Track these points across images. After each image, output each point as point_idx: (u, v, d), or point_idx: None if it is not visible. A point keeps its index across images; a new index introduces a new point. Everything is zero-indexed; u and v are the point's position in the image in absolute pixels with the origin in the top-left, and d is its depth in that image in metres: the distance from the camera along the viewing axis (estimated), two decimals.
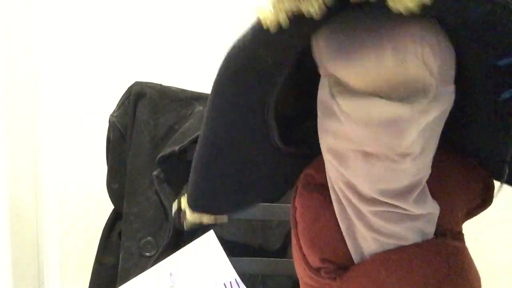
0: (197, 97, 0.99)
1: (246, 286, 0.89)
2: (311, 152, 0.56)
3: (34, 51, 1.22)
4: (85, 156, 1.20)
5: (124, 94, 0.98)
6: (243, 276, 0.90)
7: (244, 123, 0.52)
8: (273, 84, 0.51)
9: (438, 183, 0.52)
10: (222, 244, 0.90)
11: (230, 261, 0.91)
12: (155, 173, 0.94)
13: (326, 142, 0.51)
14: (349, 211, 0.52)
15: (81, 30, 1.21)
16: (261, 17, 0.41)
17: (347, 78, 0.46)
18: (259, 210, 0.86)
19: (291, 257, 0.63)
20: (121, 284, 0.90)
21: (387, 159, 0.47)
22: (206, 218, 0.59)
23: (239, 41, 0.45)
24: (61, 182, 1.22)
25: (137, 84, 0.97)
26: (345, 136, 0.48)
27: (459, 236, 0.54)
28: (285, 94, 0.53)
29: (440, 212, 0.52)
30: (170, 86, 0.99)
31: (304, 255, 0.55)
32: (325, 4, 0.38)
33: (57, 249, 1.21)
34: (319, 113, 0.52)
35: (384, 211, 0.50)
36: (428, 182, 0.51)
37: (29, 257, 1.21)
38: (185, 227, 0.61)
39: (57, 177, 1.22)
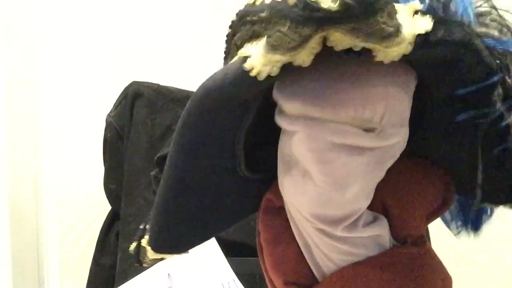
0: None
1: (244, 286, 0.89)
2: (274, 176, 0.57)
3: (33, 53, 1.22)
4: (85, 156, 1.20)
5: (121, 94, 0.98)
6: (241, 276, 0.90)
7: (213, 156, 0.52)
8: (247, 118, 0.51)
9: (394, 191, 0.52)
10: (219, 245, 0.90)
11: (228, 261, 0.91)
12: (153, 173, 0.92)
13: (281, 151, 0.51)
14: (301, 228, 0.52)
15: (79, 31, 1.21)
16: (249, 67, 0.40)
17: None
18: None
19: None
20: (119, 285, 0.90)
21: (323, 187, 0.47)
22: (168, 256, 0.58)
23: (216, 79, 0.44)
24: (61, 182, 1.22)
25: (134, 84, 0.97)
26: (292, 153, 0.48)
27: (421, 240, 0.55)
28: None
29: (399, 220, 0.53)
30: (167, 86, 0.99)
31: (270, 279, 0.56)
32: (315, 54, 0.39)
33: (57, 249, 1.21)
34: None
35: (324, 230, 0.50)
36: (383, 190, 0.51)
37: (29, 257, 1.21)
38: (144, 265, 0.60)
39: (57, 177, 1.23)
